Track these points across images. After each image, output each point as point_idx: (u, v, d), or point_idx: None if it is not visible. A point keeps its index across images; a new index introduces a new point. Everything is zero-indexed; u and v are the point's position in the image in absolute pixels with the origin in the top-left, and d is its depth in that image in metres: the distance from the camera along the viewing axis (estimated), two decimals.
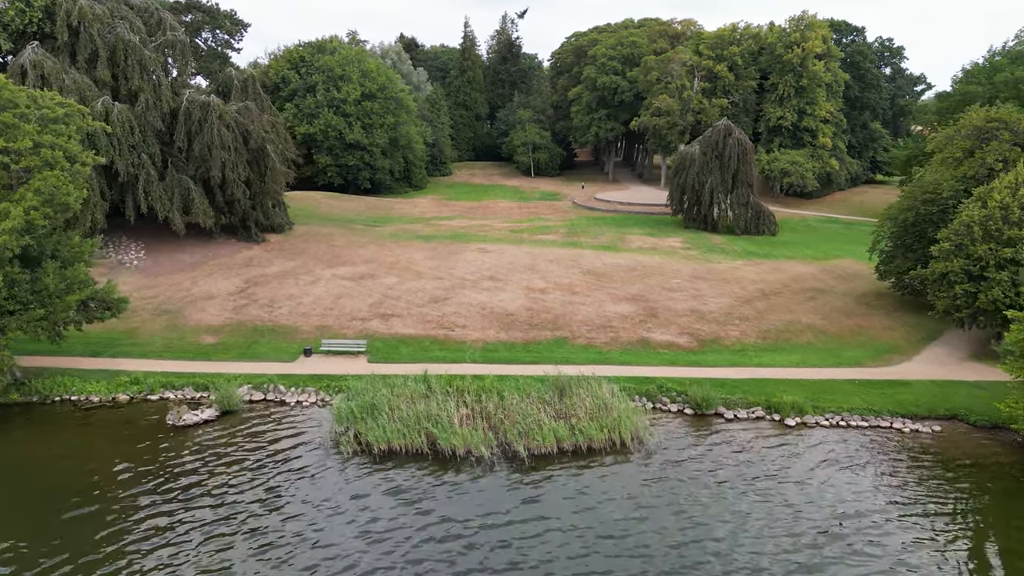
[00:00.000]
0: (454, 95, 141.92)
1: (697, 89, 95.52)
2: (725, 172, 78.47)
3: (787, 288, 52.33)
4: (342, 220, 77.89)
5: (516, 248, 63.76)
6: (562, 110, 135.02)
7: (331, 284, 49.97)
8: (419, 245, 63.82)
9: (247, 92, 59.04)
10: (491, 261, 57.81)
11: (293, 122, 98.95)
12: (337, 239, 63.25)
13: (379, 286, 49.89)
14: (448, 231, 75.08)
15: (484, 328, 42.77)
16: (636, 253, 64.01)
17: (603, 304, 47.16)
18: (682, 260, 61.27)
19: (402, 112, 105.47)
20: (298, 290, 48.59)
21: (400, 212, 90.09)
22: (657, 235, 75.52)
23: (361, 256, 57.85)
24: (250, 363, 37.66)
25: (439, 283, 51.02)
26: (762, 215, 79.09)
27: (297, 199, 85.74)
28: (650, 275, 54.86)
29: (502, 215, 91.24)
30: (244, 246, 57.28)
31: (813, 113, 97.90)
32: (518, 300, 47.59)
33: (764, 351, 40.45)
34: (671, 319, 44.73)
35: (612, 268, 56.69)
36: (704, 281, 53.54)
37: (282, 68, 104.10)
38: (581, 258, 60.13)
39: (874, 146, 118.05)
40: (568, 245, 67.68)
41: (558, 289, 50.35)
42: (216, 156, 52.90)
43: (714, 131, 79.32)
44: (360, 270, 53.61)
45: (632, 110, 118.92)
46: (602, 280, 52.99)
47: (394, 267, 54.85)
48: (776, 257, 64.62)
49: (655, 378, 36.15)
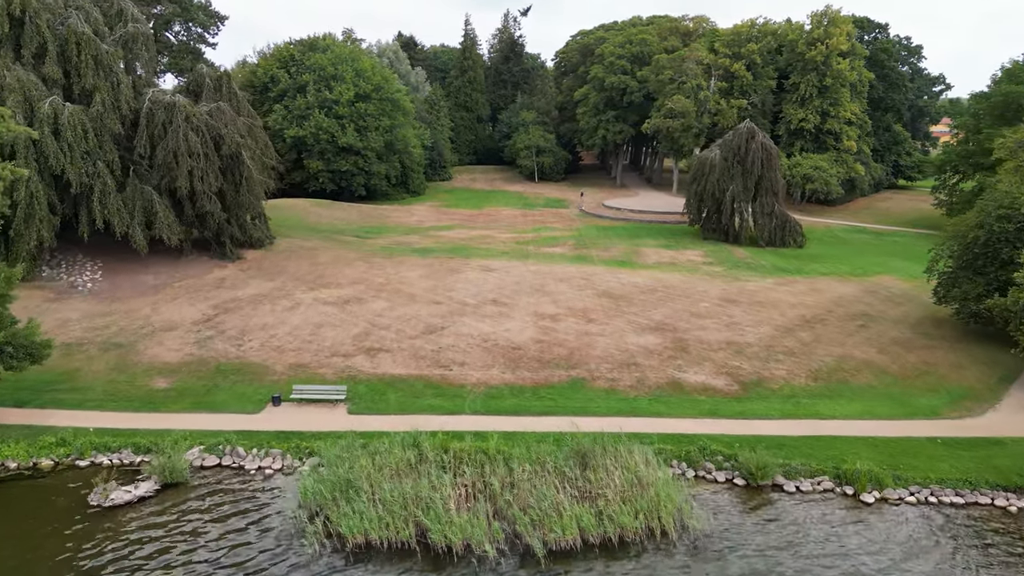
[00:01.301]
0: (454, 96, 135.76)
1: (714, 89, 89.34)
2: (748, 179, 72.22)
3: (831, 314, 46.02)
4: (331, 231, 71.65)
5: (522, 265, 57.48)
6: (567, 111, 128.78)
7: (312, 310, 43.71)
8: (414, 261, 57.54)
9: (221, 91, 52.74)
10: (495, 281, 51.56)
11: (282, 124, 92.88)
12: (322, 255, 56.97)
13: (366, 312, 43.63)
14: (447, 243, 68.86)
15: (487, 366, 36.51)
16: (655, 270, 57.75)
17: (624, 335, 40.88)
18: (706, 278, 54.99)
19: (399, 114, 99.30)
20: (274, 318, 42.33)
21: (396, 221, 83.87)
22: (674, 247, 69.27)
23: (348, 276, 51.58)
24: (207, 415, 31.38)
25: (435, 309, 44.76)
26: (788, 225, 72.82)
27: (284, 208, 79.53)
28: (674, 297, 48.59)
29: (505, 224, 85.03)
30: (217, 264, 51.01)
31: (837, 115, 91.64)
32: (526, 330, 41.32)
33: (819, 396, 34.13)
34: (705, 354, 38.44)
35: (630, 289, 50.40)
36: (736, 305, 47.25)
37: (271, 67, 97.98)
38: (594, 276, 53.85)
39: (897, 149, 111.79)
40: (578, 260, 61.45)
41: (571, 315, 44.07)
42: (183, 164, 46.66)
43: (736, 134, 73.07)
44: (346, 293, 47.35)
45: (642, 112, 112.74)
46: (620, 304, 46.72)
47: (384, 289, 48.59)
48: (809, 274, 58.35)
49: (695, 436, 29.86)
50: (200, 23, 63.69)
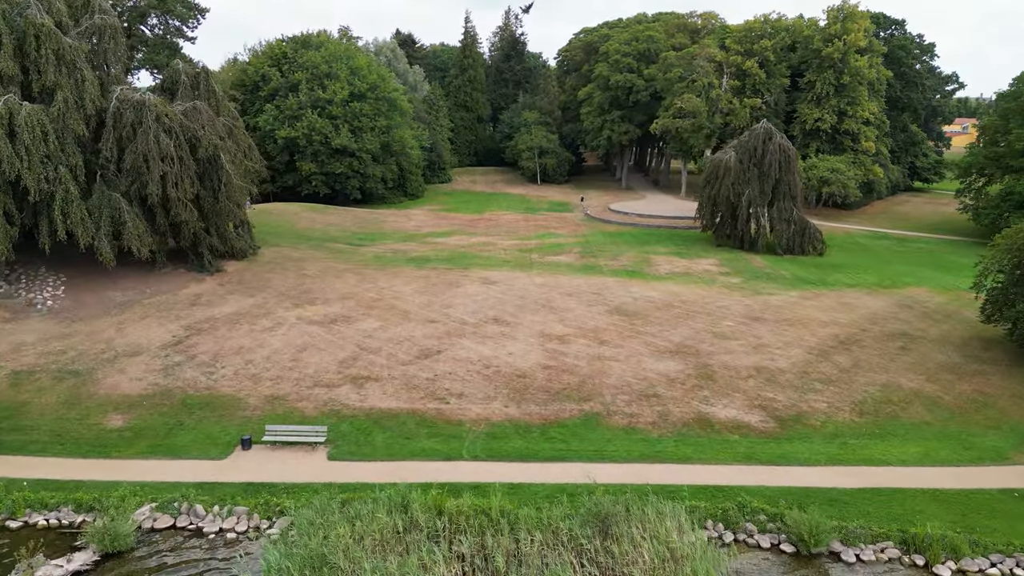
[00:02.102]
0: (454, 95, 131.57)
1: (726, 87, 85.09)
2: (765, 182, 68.01)
3: (867, 333, 41.79)
4: (322, 239, 67.45)
5: (526, 277, 53.27)
6: (570, 111, 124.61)
7: (294, 331, 39.51)
8: (409, 273, 53.32)
9: (198, 89, 48.51)
10: (496, 296, 47.35)
11: (273, 125, 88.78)
12: (310, 266, 52.77)
13: (355, 334, 39.43)
14: (445, 251, 64.67)
15: (488, 398, 32.31)
16: (668, 282, 53.54)
17: (641, 359, 36.66)
18: (726, 292, 50.79)
19: (395, 114, 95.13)
20: (251, 340, 38.13)
21: (392, 227, 79.67)
22: (686, 255, 65.07)
23: (336, 290, 47.39)
24: (164, 461, 27.19)
25: (431, 329, 40.55)
26: (807, 232, 68.58)
27: (274, 213, 75.40)
28: (693, 314, 44.38)
29: (507, 230, 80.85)
30: (194, 278, 46.82)
31: (855, 114, 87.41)
32: (532, 353, 37.11)
33: (868, 436, 29.90)
34: (733, 383, 34.23)
35: (645, 305, 46.20)
36: (762, 323, 43.03)
37: (262, 65, 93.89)
38: (605, 290, 49.64)
39: (915, 151, 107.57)
40: (586, 270, 57.25)
41: (582, 336, 39.85)
42: (154, 168, 42.46)
43: (752, 135, 68.84)
44: (333, 311, 43.14)
45: (649, 111, 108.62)
46: (635, 322, 42.50)
47: (376, 306, 44.39)
48: (834, 285, 54.12)
49: (731, 488, 25.64)
50: (178, 15, 59.53)
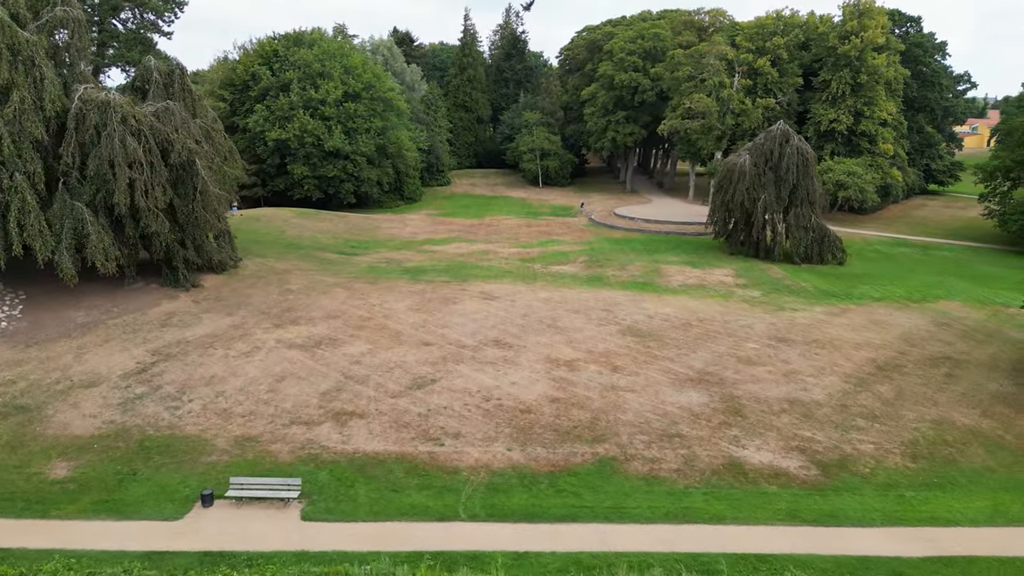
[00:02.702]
0: (453, 95, 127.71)
1: (737, 87, 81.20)
2: (781, 187, 64.14)
3: (906, 357, 37.91)
4: (312, 247, 63.60)
5: (529, 291, 49.38)
6: (573, 112, 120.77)
7: (273, 357, 35.61)
8: (403, 287, 49.40)
9: (172, 88, 44.65)
10: (497, 314, 43.45)
11: (264, 126, 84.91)
12: (295, 280, 48.84)
13: (341, 359, 35.53)
14: (443, 261, 60.81)
15: (489, 438, 28.42)
16: (683, 295, 49.67)
17: (660, 390, 32.78)
18: (744, 306, 46.91)
19: (391, 114, 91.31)
20: (225, 367, 34.24)
21: (387, 233, 75.82)
22: (699, 265, 61.20)
23: (323, 307, 43.48)
24: (111, 522, 23.27)
25: (425, 353, 36.65)
26: (827, 240, 64.67)
27: (262, 219, 71.55)
28: (713, 335, 40.48)
29: (508, 236, 77.04)
30: (167, 295, 42.93)
31: (872, 115, 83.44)
32: (537, 383, 33.23)
33: (926, 487, 26.00)
34: (764, 418, 30.35)
35: (660, 324, 42.31)
36: (789, 345, 39.14)
37: (252, 64, 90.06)
38: (616, 307, 45.74)
39: (931, 152, 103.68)
40: (593, 282, 53.39)
41: (592, 362, 35.95)
42: (121, 175, 38.57)
43: (767, 137, 64.97)
44: (318, 331, 39.23)
45: (654, 112, 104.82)
46: (650, 345, 38.60)
47: (365, 325, 40.49)
48: (860, 299, 50.24)
49: (776, 558, 21.72)
50: (153, 8, 55.61)
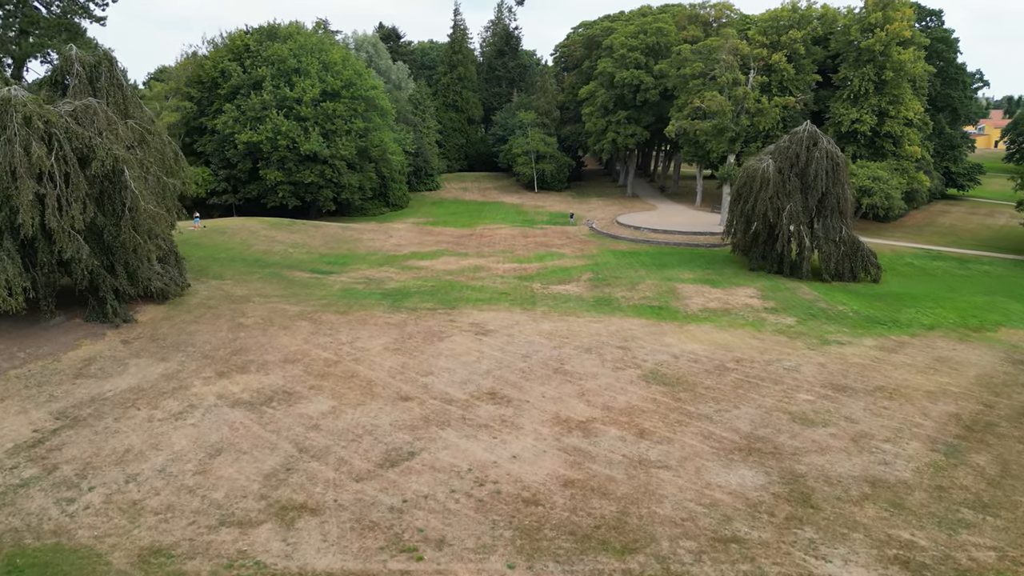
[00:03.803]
0: (442, 95, 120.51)
1: (753, 84, 74.32)
2: (809, 195, 57.28)
3: (993, 411, 30.91)
4: (281, 264, 56.23)
5: (529, 321, 42.12)
6: (570, 111, 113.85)
7: (211, 419, 28.26)
8: (380, 319, 42.05)
9: (97, 83, 37.30)
10: (492, 354, 36.17)
11: (234, 128, 77.40)
12: (252, 311, 41.38)
13: (296, 422, 28.21)
14: (429, 280, 53.62)
15: (483, 547, 21.12)
16: (707, 324, 42.59)
17: (703, 466, 25.60)
18: (784, 340, 39.85)
19: (374, 115, 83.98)
20: (146, 437, 26.87)
21: (368, 246, 68.50)
22: (719, 283, 54.20)
23: (281, 348, 36.09)
24: None
25: (403, 412, 29.35)
26: (860, 254, 57.75)
27: (227, 232, 64.08)
28: (755, 381, 33.37)
29: (502, 248, 69.92)
30: (90, 333, 35.48)
31: (897, 115, 76.79)
32: (545, 456, 26.01)
33: None
34: (843, 510, 23.21)
35: (688, 365, 35.18)
36: (850, 395, 32.07)
37: (222, 60, 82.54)
38: (633, 343, 38.55)
39: (952, 155, 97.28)
40: (601, 306, 46.28)
41: (612, 422, 28.75)
42: (24, 188, 31.17)
43: (793, 140, 58.07)
44: (271, 382, 31.88)
45: (658, 112, 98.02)
46: (680, 396, 31.45)
47: (331, 372, 33.14)
48: (910, 327, 43.30)
49: None
50: None
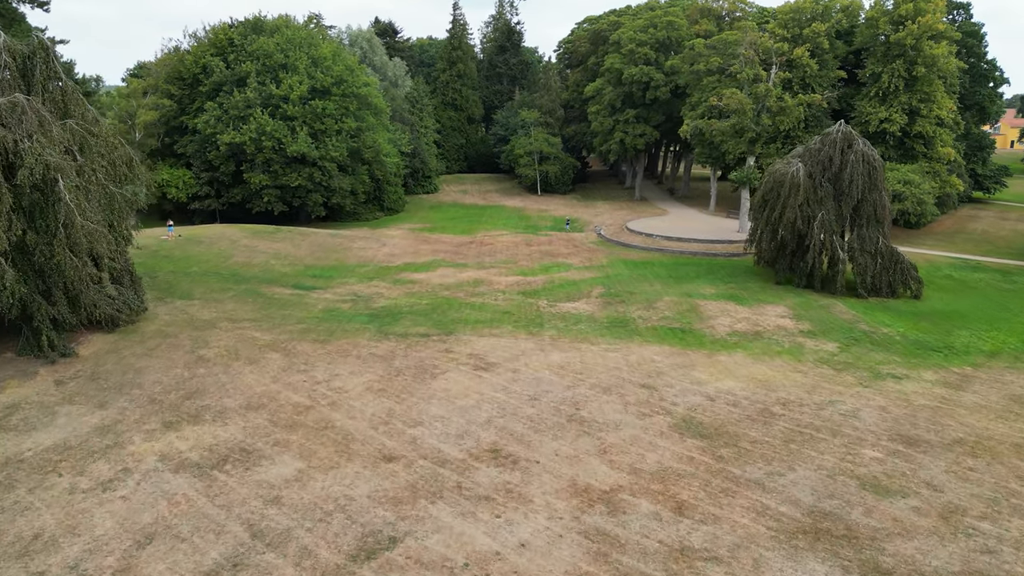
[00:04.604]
0: (441, 92, 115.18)
1: (774, 80, 69.00)
2: (843, 202, 51.90)
3: None
4: (260, 279, 50.92)
5: (536, 350, 36.69)
6: (575, 110, 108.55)
7: (146, 490, 22.88)
8: (364, 349, 36.61)
9: (31, 77, 31.96)
10: (495, 396, 30.75)
11: (216, 128, 72.08)
12: (216, 340, 35.95)
13: (252, 494, 22.82)
14: (424, 298, 48.36)
15: None
16: (740, 352, 37.19)
17: (762, 558, 20.19)
18: (828, 372, 34.47)
19: (367, 113, 78.59)
20: (61, 517, 21.46)
21: (359, 256, 63.17)
22: (745, 300, 48.88)
23: (244, 389, 30.67)
24: None
25: (386, 477, 23.94)
26: (899, 267, 52.31)
27: (203, 241, 58.76)
28: (808, 432, 27.92)
29: (504, 258, 64.62)
30: (21, 371, 30.09)
31: (929, 114, 71.48)
32: (561, 543, 20.61)
33: None
34: None
35: (726, 410, 29.77)
36: (924, 451, 26.68)
37: (204, 55, 77.18)
38: (658, 378, 33.11)
39: (980, 156, 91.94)
40: (616, 328, 40.93)
41: (643, 492, 23.33)
42: None
43: (825, 142, 52.72)
44: (228, 436, 26.48)
45: (668, 110, 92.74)
46: (722, 454, 26.04)
47: (301, 422, 27.74)
48: (968, 354, 37.90)
49: None
50: None
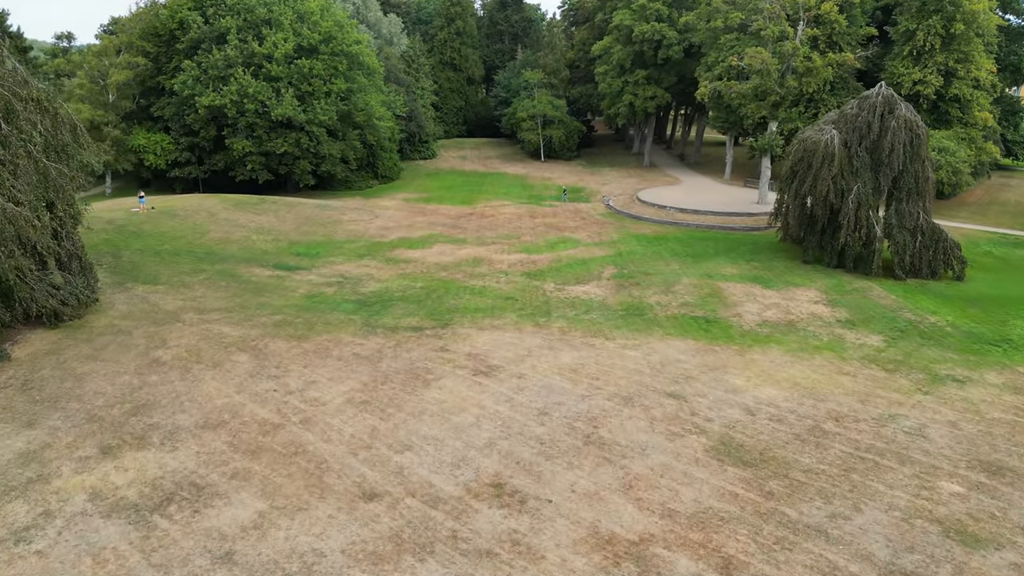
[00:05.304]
0: (438, 51, 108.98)
1: (802, 38, 63.40)
2: (881, 174, 47.03)
3: None
4: (238, 258, 46.30)
5: (544, 347, 32.12)
6: (580, 71, 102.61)
7: (68, 543, 18.39)
8: (347, 347, 31.99)
9: None
10: (497, 410, 26.23)
11: (194, 89, 66.70)
12: (176, 337, 31.39)
13: (197, 549, 18.35)
14: (418, 279, 43.82)
15: None
16: (775, 348, 32.66)
17: None
18: (879, 374, 29.95)
19: (358, 74, 73.02)
20: None
21: (349, 230, 58.43)
22: (771, 283, 44.30)
23: (203, 402, 26.15)
24: None
25: (363, 526, 19.38)
26: (941, 245, 47.52)
27: (179, 214, 53.97)
28: (873, 458, 23.46)
29: (506, 232, 59.90)
30: None
31: (966, 75, 66.04)
32: None
33: None
34: None
35: (769, 427, 25.31)
36: (1011, 483, 22.18)
37: (180, 8, 71.37)
38: (686, 384, 28.58)
39: (1014, 120, 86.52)
40: (632, 317, 36.43)
41: (680, 543, 18.89)
42: None
43: (863, 106, 47.56)
44: (177, 465, 22.05)
45: (681, 71, 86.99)
46: (771, 487, 21.64)
47: (265, 447, 23.24)
48: None
49: None
50: None
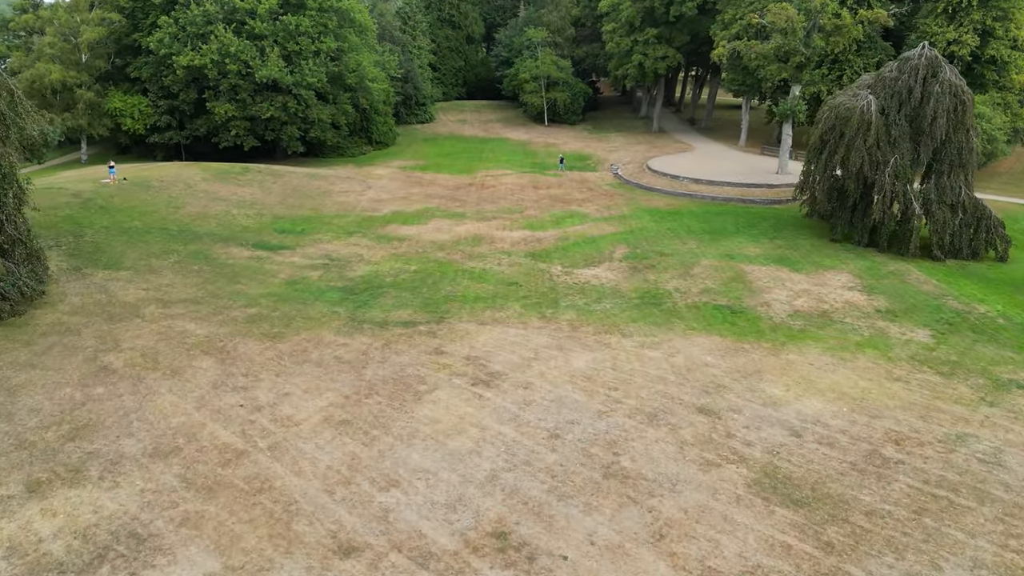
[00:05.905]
0: (436, 8, 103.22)
1: None
2: (921, 144, 42.80)
3: None
4: (215, 236, 42.30)
5: (553, 348, 28.29)
6: (586, 29, 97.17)
7: None
8: (328, 348, 28.12)
9: None
10: (500, 432, 22.39)
11: (171, 47, 61.87)
12: (131, 337, 27.48)
13: None
14: (412, 261, 39.91)
15: None
16: (813, 347, 28.85)
17: None
18: (934, 380, 26.22)
19: (349, 32, 67.94)
20: None
21: (338, 202, 54.30)
22: (798, 264, 40.39)
23: (155, 421, 22.38)
24: None
25: None
26: (984, 223, 43.37)
27: (154, 186, 49.80)
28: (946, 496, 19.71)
29: (508, 204, 55.78)
30: None
31: (1005, 35, 61.17)
32: None
33: None
34: None
35: (819, 453, 21.59)
36: None
37: None
38: (719, 396, 24.80)
39: None
40: (648, 306, 32.65)
41: None
42: None
43: (903, 69, 43.04)
44: (115, 508, 18.28)
45: (694, 29, 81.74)
46: (830, 536, 17.83)
47: (224, 482, 19.51)
48: None
49: None
50: None
